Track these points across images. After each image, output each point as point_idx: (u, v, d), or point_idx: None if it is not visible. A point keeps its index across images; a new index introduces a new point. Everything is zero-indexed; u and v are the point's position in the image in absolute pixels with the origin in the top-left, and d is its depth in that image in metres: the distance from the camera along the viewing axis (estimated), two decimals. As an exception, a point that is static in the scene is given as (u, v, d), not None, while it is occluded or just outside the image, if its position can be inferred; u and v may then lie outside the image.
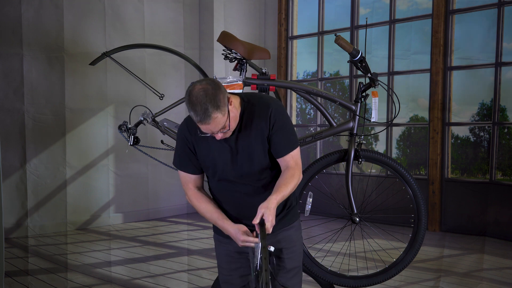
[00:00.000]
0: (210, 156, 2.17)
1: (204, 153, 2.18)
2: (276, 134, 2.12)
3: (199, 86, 1.97)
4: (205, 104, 1.93)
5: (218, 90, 1.97)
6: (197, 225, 6.83)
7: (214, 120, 1.96)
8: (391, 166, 3.12)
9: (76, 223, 6.39)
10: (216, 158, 2.16)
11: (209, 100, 1.94)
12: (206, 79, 2.02)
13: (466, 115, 6.62)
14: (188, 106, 1.98)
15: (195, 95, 1.95)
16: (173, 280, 4.36)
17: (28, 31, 5.95)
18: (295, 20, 7.86)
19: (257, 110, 2.13)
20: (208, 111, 1.94)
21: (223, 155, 2.15)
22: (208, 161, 2.18)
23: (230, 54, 3.10)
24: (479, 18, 6.30)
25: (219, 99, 1.96)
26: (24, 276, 4.46)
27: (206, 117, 1.95)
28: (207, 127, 1.99)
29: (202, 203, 2.24)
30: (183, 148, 2.22)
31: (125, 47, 3.59)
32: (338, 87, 8.04)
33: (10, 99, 5.91)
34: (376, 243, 4.70)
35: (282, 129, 2.13)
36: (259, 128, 2.12)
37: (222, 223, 2.17)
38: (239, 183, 2.18)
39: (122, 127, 3.25)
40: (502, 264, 4.86)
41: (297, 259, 2.33)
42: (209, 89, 1.96)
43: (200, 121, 1.97)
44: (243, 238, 2.09)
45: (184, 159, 2.23)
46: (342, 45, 3.00)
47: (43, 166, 6.09)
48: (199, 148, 2.18)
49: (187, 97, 1.98)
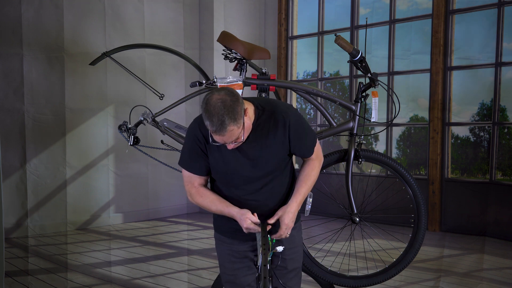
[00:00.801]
0: (222, 160, 2.15)
1: (216, 156, 2.16)
2: (298, 140, 2.18)
3: (217, 95, 1.96)
4: (222, 116, 1.92)
5: (236, 102, 1.97)
6: (197, 225, 6.83)
7: (230, 132, 1.96)
8: (391, 166, 3.12)
9: (76, 223, 6.39)
10: (228, 163, 2.15)
11: (227, 112, 1.93)
12: (225, 89, 2.00)
13: (466, 115, 6.62)
14: (204, 115, 1.97)
15: (213, 105, 1.94)
16: (173, 280, 4.36)
17: (28, 31, 5.95)
18: (295, 20, 7.86)
19: (274, 118, 2.14)
20: (225, 123, 1.93)
21: (235, 161, 2.14)
22: (219, 165, 2.17)
23: (230, 54, 3.10)
24: (479, 18, 6.30)
25: (237, 112, 1.96)
26: (24, 276, 4.46)
27: (222, 128, 1.94)
28: (221, 138, 1.98)
29: (206, 197, 2.22)
30: (193, 148, 2.19)
31: (125, 47, 3.59)
32: (338, 87, 8.04)
33: (10, 99, 5.91)
34: (376, 243, 4.70)
35: (302, 134, 2.19)
36: (277, 137, 2.14)
37: (228, 210, 2.16)
38: (248, 186, 2.19)
39: (122, 127, 3.25)
40: (502, 264, 4.86)
41: (298, 259, 2.36)
42: (228, 100, 1.95)
43: (215, 131, 1.96)
44: (247, 225, 2.10)
45: (193, 159, 2.20)
46: (342, 45, 3.00)
47: (43, 166, 6.09)
48: (211, 150, 2.16)
49: (204, 105, 1.96)
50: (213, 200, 2.20)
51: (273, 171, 2.18)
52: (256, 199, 2.19)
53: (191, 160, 2.21)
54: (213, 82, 3.24)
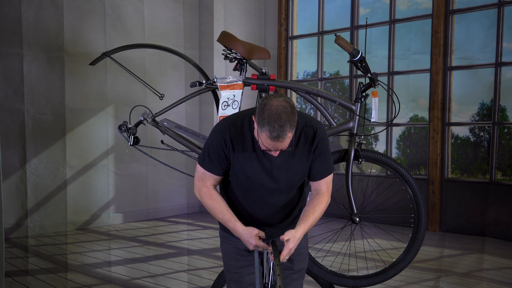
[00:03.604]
0: (246, 168, 2.14)
1: (241, 162, 2.13)
2: (317, 159, 2.17)
3: (277, 102, 1.95)
4: (284, 122, 1.92)
5: (295, 110, 1.98)
6: (197, 225, 6.83)
7: (287, 139, 1.96)
8: (391, 166, 3.12)
9: (76, 223, 6.39)
10: (252, 171, 2.13)
11: (288, 119, 1.93)
12: (283, 96, 2.00)
13: (466, 115, 6.62)
14: (262, 120, 1.94)
15: (274, 111, 1.92)
16: (173, 280, 4.36)
17: (28, 31, 5.95)
18: (295, 20, 7.86)
19: (304, 132, 2.14)
20: (285, 130, 1.92)
21: (260, 170, 2.13)
22: (241, 171, 2.15)
23: (230, 54, 3.10)
24: (479, 18, 6.30)
25: (294, 120, 1.96)
26: (24, 276, 4.46)
27: (282, 135, 1.93)
28: (277, 144, 1.96)
29: (215, 202, 2.17)
30: (217, 149, 2.14)
31: (125, 47, 3.59)
32: (338, 87, 8.04)
33: (10, 99, 5.91)
34: (376, 243, 4.70)
35: (323, 155, 2.18)
36: (305, 150, 2.14)
37: (233, 225, 2.14)
38: (265, 196, 2.18)
39: (122, 127, 3.25)
40: (502, 264, 4.86)
41: (303, 261, 2.37)
42: (288, 107, 1.95)
43: (275, 137, 1.93)
44: (256, 243, 2.08)
45: (213, 159, 2.15)
46: (342, 45, 3.00)
47: (43, 166, 6.09)
48: (236, 156, 2.13)
49: (262, 110, 1.94)
50: (221, 208, 2.16)
51: (292, 187, 2.19)
52: (265, 210, 2.20)
53: (211, 160, 2.16)
54: (213, 82, 3.23)
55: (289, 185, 2.18)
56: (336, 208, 3.39)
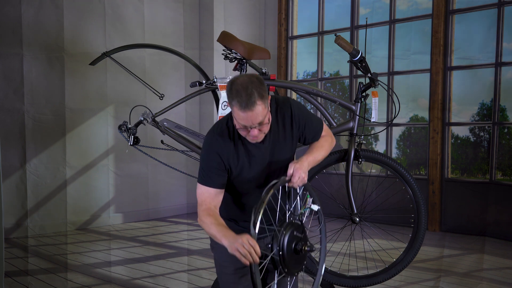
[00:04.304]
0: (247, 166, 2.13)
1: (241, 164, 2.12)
2: (305, 129, 2.22)
3: (243, 77, 1.99)
4: (251, 90, 1.94)
5: (263, 83, 2.00)
6: (197, 225, 6.83)
7: (258, 107, 1.95)
8: (391, 166, 3.12)
9: (76, 223, 6.39)
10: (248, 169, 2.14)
11: (255, 87, 1.95)
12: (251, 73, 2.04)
13: (466, 115, 6.62)
14: (231, 95, 1.96)
15: (240, 83, 1.96)
16: (173, 280, 4.36)
17: (28, 31, 5.95)
18: (295, 20, 7.86)
19: (281, 115, 2.17)
20: (254, 97, 1.93)
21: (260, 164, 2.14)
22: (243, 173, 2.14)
23: (230, 54, 3.11)
24: (479, 18, 6.30)
25: (263, 90, 1.98)
26: (24, 276, 4.46)
27: (251, 103, 1.93)
28: (250, 115, 1.95)
29: (209, 217, 2.07)
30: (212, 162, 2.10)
31: (125, 47, 3.59)
32: (338, 87, 8.04)
33: (10, 99, 5.91)
34: (376, 243, 4.70)
35: (307, 122, 2.23)
36: (288, 132, 2.17)
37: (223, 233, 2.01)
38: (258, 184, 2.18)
39: (122, 127, 3.26)
40: (502, 264, 4.86)
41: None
42: (254, 79, 1.98)
43: (244, 107, 1.94)
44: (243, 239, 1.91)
45: (211, 173, 2.11)
46: (342, 45, 3.00)
47: (43, 166, 6.08)
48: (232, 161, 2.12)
49: (229, 86, 1.98)
50: (214, 222, 2.06)
51: (288, 161, 2.19)
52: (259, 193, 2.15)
53: (208, 173, 2.11)
54: (213, 82, 3.24)
55: (280, 167, 2.19)
56: (336, 208, 3.39)
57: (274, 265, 2.02)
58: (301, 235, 2.09)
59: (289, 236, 2.02)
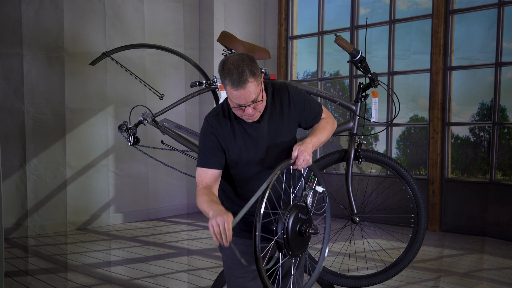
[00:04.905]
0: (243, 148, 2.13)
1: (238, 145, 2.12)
2: (304, 112, 2.21)
3: (234, 56, 1.99)
4: (242, 68, 1.93)
5: (255, 60, 2.00)
6: (197, 225, 6.83)
7: (250, 85, 1.95)
8: (391, 166, 3.11)
9: (76, 223, 6.39)
10: (244, 150, 2.13)
11: (246, 65, 1.95)
12: (242, 52, 2.05)
13: (466, 115, 6.62)
14: (223, 74, 1.96)
15: (232, 62, 1.96)
16: (173, 280, 4.36)
17: (28, 31, 5.95)
18: (295, 20, 7.86)
19: (279, 98, 2.17)
20: (245, 74, 1.93)
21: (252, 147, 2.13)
22: (241, 154, 2.13)
23: (230, 54, 3.10)
24: (479, 18, 6.30)
25: (255, 67, 1.97)
26: (24, 276, 4.46)
27: (242, 80, 1.93)
28: (242, 92, 1.95)
29: (203, 196, 2.06)
30: (209, 143, 2.12)
31: (125, 47, 3.59)
32: (338, 87, 8.04)
33: (10, 99, 5.91)
34: (376, 243, 4.70)
35: (306, 105, 2.22)
36: (285, 113, 2.16)
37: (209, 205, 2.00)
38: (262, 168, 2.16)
39: (122, 127, 3.25)
40: (502, 264, 4.86)
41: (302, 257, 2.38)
42: (245, 57, 1.98)
43: (236, 85, 1.94)
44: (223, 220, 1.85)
45: (208, 154, 2.12)
46: (342, 45, 3.00)
47: (43, 166, 6.08)
48: (231, 142, 2.12)
49: (221, 66, 1.98)
50: (205, 198, 2.04)
51: (289, 144, 2.18)
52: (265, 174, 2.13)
53: (205, 155, 2.13)
54: (213, 82, 3.24)
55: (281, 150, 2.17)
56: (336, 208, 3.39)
57: (279, 248, 2.02)
58: (306, 217, 2.09)
59: (293, 218, 2.02)
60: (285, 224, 2.00)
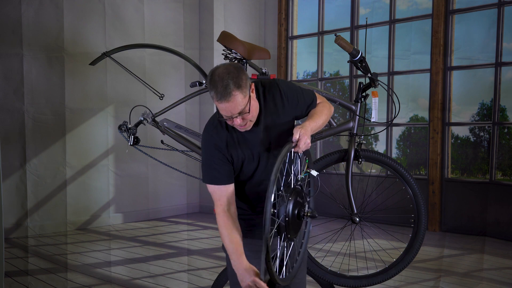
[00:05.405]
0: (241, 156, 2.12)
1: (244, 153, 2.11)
2: (300, 104, 2.19)
3: (221, 68, 1.97)
4: (226, 81, 1.91)
5: (241, 71, 1.97)
6: (197, 225, 6.83)
7: (234, 98, 1.92)
8: (391, 166, 3.11)
9: (76, 223, 6.39)
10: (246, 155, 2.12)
11: (231, 77, 1.92)
12: (230, 62, 2.02)
13: (466, 115, 6.62)
14: (209, 86, 1.96)
15: (218, 74, 1.94)
16: (173, 280, 4.36)
17: (28, 31, 5.95)
18: (295, 20, 7.86)
19: (271, 96, 2.14)
20: (229, 87, 1.91)
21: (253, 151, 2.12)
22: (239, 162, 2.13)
23: (230, 54, 3.11)
24: (479, 18, 6.30)
25: (241, 79, 1.95)
26: (24, 276, 4.46)
27: (226, 94, 1.91)
28: (227, 105, 1.94)
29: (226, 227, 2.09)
30: (214, 157, 2.10)
31: (125, 47, 3.59)
32: (338, 87, 8.04)
33: (10, 99, 5.91)
34: (376, 243, 4.70)
35: (301, 98, 2.20)
36: (280, 110, 2.14)
37: (237, 257, 2.05)
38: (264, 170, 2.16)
39: (122, 127, 3.25)
40: (502, 264, 4.86)
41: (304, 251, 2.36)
42: (232, 69, 1.95)
43: (220, 98, 1.93)
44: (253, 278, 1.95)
45: (217, 167, 2.10)
46: (342, 45, 2.99)
47: (43, 166, 6.09)
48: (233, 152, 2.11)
49: (209, 77, 1.97)
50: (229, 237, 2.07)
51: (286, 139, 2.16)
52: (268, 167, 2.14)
53: (216, 170, 2.11)
54: (213, 82, 3.23)
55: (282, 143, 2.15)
56: (336, 208, 3.39)
57: (279, 231, 2.00)
58: (302, 201, 2.09)
59: (293, 202, 2.01)
60: (288, 208, 1.98)
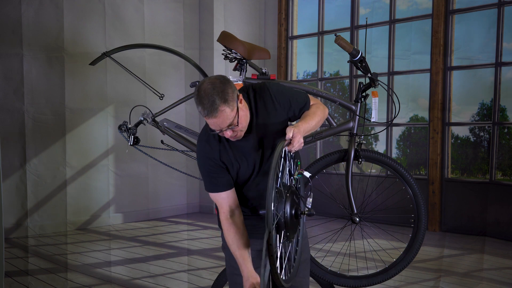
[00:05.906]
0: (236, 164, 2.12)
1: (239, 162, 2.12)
2: (293, 106, 2.17)
3: (207, 82, 1.94)
4: (212, 97, 1.90)
5: (227, 84, 1.95)
6: (197, 225, 6.83)
7: (221, 113, 1.92)
8: (391, 166, 3.11)
9: (76, 223, 6.39)
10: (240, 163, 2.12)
11: (217, 93, 1.91)
12: (216, 75, 1.99)
13: (466, 115, 6.62)
14: (196, 101, 1.95)
15: (203, 89, 1.92)
16: (173, 280, 4.36)
17: (28, 31, 5.95)
18: (295, 20, 7.86)
19: (262, 100, 2.12)
20: (215, 104, 1.90)
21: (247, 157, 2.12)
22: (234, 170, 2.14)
23: (230, 54, 3.10)
24: (479, 18, 6.30)
25: (227, 93, 1.93)
26: (24, 276, 4.46)
27: (213, 110, 1.90)
28: (215, 121, 1.94)
29: (230, 234, 2.14)
30: (211, 165, 2.12)
31: (125, 47, 3.59)
32: (338, 87, 8.04)
33: (10, 99, 5.91)
34: (376, 243, 4.70)
35: (293, 100, 2.17)
36: (271, 114, 2.12)
37: (243, 261, 2.10)
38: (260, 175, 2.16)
39: (122, 127, 3.25)
40: (502, 264, 4.86)
41: (307, 250, 2.38)
42: (217, 83, 1.93)
43: (207, 114, 1.92)
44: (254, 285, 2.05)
45: (215, 176, 2.13)
46: (342, 45, 2.99)
47: (43, 166, 6.09)
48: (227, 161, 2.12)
49: (195, 93, 1.95)
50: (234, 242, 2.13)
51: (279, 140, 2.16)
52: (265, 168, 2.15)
53: (212, 178, 2.13)
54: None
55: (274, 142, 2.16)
56: (336, 208, 3.39)
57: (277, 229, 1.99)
58: (297, 200, 2.08)
59: (290, 201, 2.00)
60: (285, 207, 1.98)
